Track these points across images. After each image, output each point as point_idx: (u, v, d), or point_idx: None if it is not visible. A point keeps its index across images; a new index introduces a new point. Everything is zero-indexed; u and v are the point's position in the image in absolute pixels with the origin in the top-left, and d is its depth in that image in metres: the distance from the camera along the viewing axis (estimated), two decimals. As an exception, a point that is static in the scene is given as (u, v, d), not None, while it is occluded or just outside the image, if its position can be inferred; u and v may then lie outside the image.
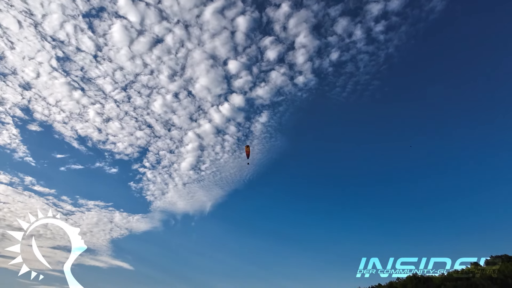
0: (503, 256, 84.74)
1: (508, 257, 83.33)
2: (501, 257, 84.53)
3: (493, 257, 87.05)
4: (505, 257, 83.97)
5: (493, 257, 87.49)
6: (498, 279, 69.10)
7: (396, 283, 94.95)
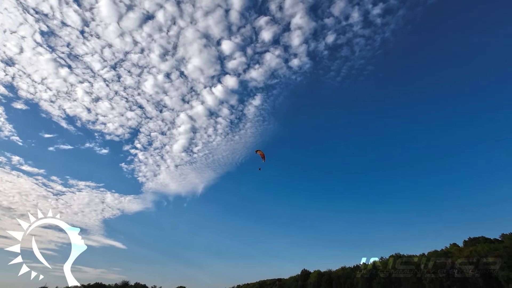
0: (480, 238, 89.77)
1: (484, 239, 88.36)
2: (479, 239, 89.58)
3: (471, 239, 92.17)
4: (482, 238, 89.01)
5: (471, 238, 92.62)
6: (474, 258, 73.54)
7: (380, 262, 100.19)
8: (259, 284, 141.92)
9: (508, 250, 69.41)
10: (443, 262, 79.16)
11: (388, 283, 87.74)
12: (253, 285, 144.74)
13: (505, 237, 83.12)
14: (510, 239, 79.62)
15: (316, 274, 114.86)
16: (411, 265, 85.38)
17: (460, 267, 74.92)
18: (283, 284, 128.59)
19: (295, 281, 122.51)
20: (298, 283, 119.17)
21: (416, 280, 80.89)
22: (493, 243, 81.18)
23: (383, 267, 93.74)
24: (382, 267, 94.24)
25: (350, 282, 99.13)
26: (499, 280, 67.85)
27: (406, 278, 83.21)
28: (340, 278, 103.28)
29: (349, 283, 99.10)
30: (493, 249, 73.60)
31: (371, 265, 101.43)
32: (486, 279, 70.05)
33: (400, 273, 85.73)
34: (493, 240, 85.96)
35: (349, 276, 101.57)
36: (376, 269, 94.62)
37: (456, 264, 76.34)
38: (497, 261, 68.68)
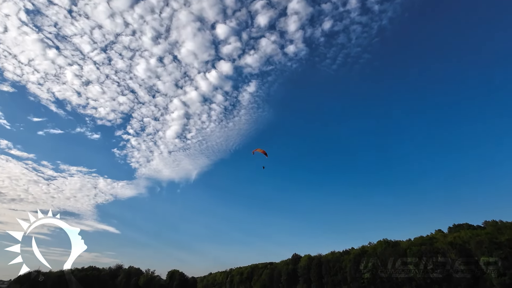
0: (464, 225, 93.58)
1: (468, 225, 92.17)
2: (463, 225, 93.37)
3: (456, 225, 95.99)
4: (466, 225, 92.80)
5: (455, 225, 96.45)
6: (457, 244, 76.90)
7: (368, 247, 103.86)
8: (251, 268, 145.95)
9: (489, 236, 72.74)
10: (427, 247, 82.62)
11: (375, 266, 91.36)
12: (245, 269, 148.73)
13: (487, 224, 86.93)
14: (492, 226, 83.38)
15: (307, 258, 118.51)
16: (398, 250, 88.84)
17: (444, 252, 78.43)
18: (274, 267, 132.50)
19: (286, 264, 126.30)
20: (289, 267, 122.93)
21: (402, 263, 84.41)
22: (476, 230, 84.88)
23: (371, 251, 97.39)
24: (370, 251, 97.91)
25: (339, 265, 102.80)
26: (480, 264, 71.46)
27: (392, 261, 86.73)
28: (329, 262, 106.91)
29: (338, 266, 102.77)
30: (476, 235, 77.01)
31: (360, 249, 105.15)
32: (467, 262, 73.65)
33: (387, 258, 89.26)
34: (476, 227, 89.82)
35: (338, 260, 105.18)
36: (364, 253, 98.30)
37: (440, 249, 79.83)
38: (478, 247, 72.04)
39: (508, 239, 68.63)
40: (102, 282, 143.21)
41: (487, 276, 69.56)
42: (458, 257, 74.50)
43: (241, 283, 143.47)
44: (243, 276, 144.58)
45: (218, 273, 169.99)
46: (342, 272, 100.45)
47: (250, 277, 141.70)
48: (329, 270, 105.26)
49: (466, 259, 73.81)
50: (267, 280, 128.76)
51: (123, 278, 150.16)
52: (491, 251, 68.71)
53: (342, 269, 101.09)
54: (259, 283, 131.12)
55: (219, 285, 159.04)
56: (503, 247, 67.60)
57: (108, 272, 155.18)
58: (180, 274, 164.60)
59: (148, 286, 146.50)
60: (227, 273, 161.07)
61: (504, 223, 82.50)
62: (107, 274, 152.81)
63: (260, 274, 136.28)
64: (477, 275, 72.04)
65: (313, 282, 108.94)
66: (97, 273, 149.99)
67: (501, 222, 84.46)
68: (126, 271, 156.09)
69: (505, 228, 77.79)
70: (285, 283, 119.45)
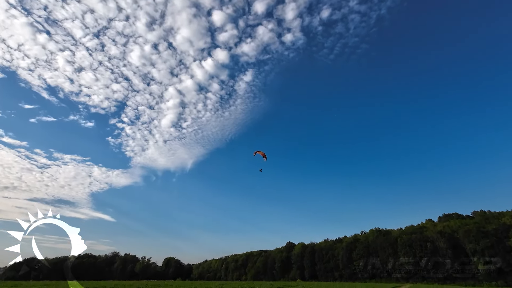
0: (453, 214, 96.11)
1: (457, 215, 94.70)
2: (452, 215, 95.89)
3: (445, 215, 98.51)
4: (455, 215, 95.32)
5: (445, 215, 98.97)
6: (446, 233, 79.20)
7: (360, 236, 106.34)
8: (246, 255, 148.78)
9: (477, 225, 75.03)
10: (418, 236, 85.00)
11: (366, 254, 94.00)
12: (240, 256, 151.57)
13: (476, 214, 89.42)
14: (480, 216, 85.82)
15: (300, 246, 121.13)
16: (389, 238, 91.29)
17: (433, 240, 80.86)
18: (268, 255, 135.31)
19: (280, 252, 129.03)
20: (283, 254, 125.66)
21: (392, 251, 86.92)
22: (465, 219, 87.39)
23: (363, 239, 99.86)
24: (362, 239, 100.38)
25: (331, 253, 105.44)
26: (467, 252, 73.98)
27: (383, 249, 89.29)
28: (322, 250, 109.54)
29: (331, 254, 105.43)
30: (464, 224, 79.34)
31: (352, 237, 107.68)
32: (455, 250, 76.17)
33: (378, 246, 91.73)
34: (465, 217, 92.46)
35: (331, 248, 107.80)
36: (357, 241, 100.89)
37: (429, 237, 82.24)
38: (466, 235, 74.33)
39: (495, 228, 70.88)
40: (98, 269, 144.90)
41: (473, 263, 72.23)
42: (447, 245, 76.97)
43: (236, 270, 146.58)
44: (238, 263, 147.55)
45: (213, 261, 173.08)
46: (335, 260, 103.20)
47: (245, 264, 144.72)
48: (322, 258, 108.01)
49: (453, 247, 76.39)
50: (261, 267, 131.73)
51: (119, 265, 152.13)
52: (478, 239, 71.00)
53: (335, 256, 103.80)
54: (253, 270, 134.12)
55: (214, 272, 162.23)
56: (489, 236, 69.89)
57: (104, 259, 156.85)
58: (176, 261, 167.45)
59: (145, 273, 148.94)
60: (222, 260, 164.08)
61: (492, 213, 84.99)
62: (103, 261, 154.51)
63: (254, 261, 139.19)
64: (464, 262, 74.77)
65: (306, 269, 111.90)
66: (93, 260, 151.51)
67: (489, 212, 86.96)
68: (122, 258, 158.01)
69: (493, 218, 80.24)
70: (279, 270, 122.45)
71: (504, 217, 77.16)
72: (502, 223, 72.37)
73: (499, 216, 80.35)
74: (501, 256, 66.67)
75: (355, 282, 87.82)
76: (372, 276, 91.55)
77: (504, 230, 68.77)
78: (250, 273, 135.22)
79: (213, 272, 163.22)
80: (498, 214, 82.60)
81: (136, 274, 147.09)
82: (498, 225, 71.67)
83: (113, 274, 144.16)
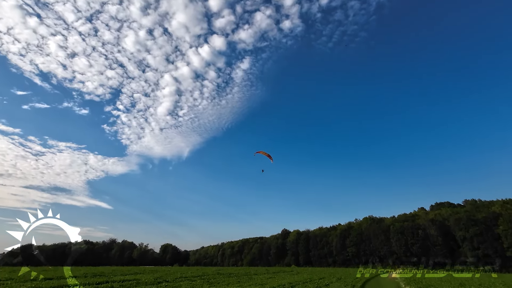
0: (445, 203, 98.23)
1: (449, 204, 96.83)
2: (444, 204, 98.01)
3: (437, 204, 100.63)
4: (447, 203, 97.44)
5: (437, 203, 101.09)
6: (438, 221, 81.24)
7: (354, 223, 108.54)
8: (242, 242, 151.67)
9: (467, 214, 77.03)
10: (410, 223, 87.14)
11: (359, 240, 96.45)
12: (236, 243, 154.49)
13: (467, 203, 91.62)
14: (471, 204, 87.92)
15: (296, 233, 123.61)
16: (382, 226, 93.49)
17: (424, 228, 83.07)
18: (264, 242, 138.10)
19: (275, 239, 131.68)
20: (278, 241, 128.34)
21: (385, 238, 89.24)
22: (456, 208, 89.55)
23: (357, 227, 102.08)
24: (356, 227, 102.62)
25: (326, 240, 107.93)
26: (456, 239, 76.31)
27: (376, 236, 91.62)
28: (317, 237, 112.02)
29: (325, 241, 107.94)
30: (455, 212, 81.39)
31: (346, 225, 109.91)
32: (445, 237, 78.50)
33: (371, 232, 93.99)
34: (457, 205, 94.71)
35: (325, 235, 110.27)
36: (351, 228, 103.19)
37: (421, 225, 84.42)
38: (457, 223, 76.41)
39: (484, 216, 72.88)
40: (96, 255, 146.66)
41: (462, 250, 74.69)
42: (437, 233, 79.22)
43: (232, 256, 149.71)
44: (234, 250, 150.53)
45: (210, 247, 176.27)
46: (329, 246, 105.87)
47: (241, 251, 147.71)
48: (316, 244, 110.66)
49: (444, 234, 78.69)
50: (257, 253, 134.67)
51: (117, 252, 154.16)
52: (468, 227, 73.14)
53: (329, 243, 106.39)
54: (249, 256, 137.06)
55: (211, 258, 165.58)
56: (479, 224, 71.97)
57: (102, 245, 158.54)
58: (173, 248, 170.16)
59: (142, 259, 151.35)
60: (219, 247, 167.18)
61: (483, 202, 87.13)
62: (101, 248, 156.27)
63: (250, 247, 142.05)
64: (453, 249, 77.28)
65: (301, 255, 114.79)
66: (91, 246, 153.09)
67: (480, 201, 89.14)
68: (120, 245, 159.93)
69: (483, 207, 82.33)
70: (274, 256, 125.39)
71: (494, 206, 79.19)
72: (492, 211, 74.36)
73: (489, 205, 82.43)
74: (489, 243, 68.96)
75: (348, 267, 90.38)
76: (365, 262, 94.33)
77: (493, 218, 70.78)
78: (246, 259, 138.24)
79: (209, 258, 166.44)
80: (488, 203, 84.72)
81: (134, 260, 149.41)
82: (488, 214, 73.65)
83: (111, 260, 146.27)
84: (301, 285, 23.32)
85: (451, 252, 77.49)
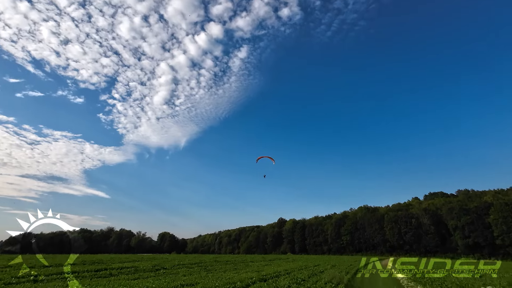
0: (439, 193, 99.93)
1: (442, 194, 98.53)
2: (437, 194, 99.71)
3: (431, 193, 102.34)
4: (441, 193, 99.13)
5: (431, 193, 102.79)
6: (431, 210, 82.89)
7: (349, 212, 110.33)
8: (239, 231, 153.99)
9: (460, 203, 78.62)
10: (403, 212, 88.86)
11: (354, 229, 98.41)
12: (233, 231, 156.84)
13: (460, 193, 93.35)
14: (464, 194, 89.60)
15: (292, 222, 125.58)
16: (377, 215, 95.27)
17: (417, 217, 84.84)
18: (261, 230, 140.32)
19: (272, 227, 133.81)
20: (274, 230, 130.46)
21: (379, 227, 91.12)
22: (449, 197, 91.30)
23: (351, 216, 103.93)
24: (351, 216, 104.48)
25: (321, 228, 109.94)
26: (448, 228, 78.19)
27: (370, 225, 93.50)
28: (312, 226, 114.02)
29: (320, 229, 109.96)
30: (448, 202, 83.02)
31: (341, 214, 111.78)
32: (437, 226, 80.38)
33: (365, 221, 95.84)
34: (450, 195, 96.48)
35: (320, 224, 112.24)
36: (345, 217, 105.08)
37: (414, 214, 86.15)
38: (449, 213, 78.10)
39: (476, 206, 74.45)
40: (94, 243, 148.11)
41: (453, 238, 76.69)
42: (430, 222, 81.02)
43: (229, 244, 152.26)
44: (231, 238, 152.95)
45: (207, 235, 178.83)
46: (324, 235, 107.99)
47: (238, 239, 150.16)
48: (311, 233, 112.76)
49: (436, 223, 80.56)
50: (254, 242, 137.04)
51: (114, 240, 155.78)
52: (460, 216, 74.83)
53: (324, 231, 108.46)
54: (246, 244, 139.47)
55: (208, 246, 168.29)
56: (470, 213, 73.63)
57: (100, 233, 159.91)
58: (170, 236, 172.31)
59: (140, 247, 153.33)
60: (216, 235, 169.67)
61: (475, 192, 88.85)
62: (99, 236, 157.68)
63: (247, 236, 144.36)
64: (445, 237, 79.31)
65: (297, 243, 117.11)
66: (89, 234, 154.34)
67: (473, 191, 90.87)
68: (118, 233, 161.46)
69: (475, 196, 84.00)
70: (270, 244, 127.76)
71: (486, 195, 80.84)
72: (484, 201, 75.97)
73: (481, 194, 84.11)
74: (480, 231, 70.82)
75: (342, 255, 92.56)
76: (359, 250, 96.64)
77: (485, 207, 72.38)
78: (242, 247, 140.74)
79: (207, 246, 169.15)
80: (480, 193, 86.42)
81: (132, 248, 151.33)
82: (480, 203, 75.24)
83: (109, 248, 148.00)
84: (297, 272, 23.88)
85: (442, 240, 79.56)
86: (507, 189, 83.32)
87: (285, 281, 16.95)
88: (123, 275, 21.07)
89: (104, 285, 14.72)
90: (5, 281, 15.81)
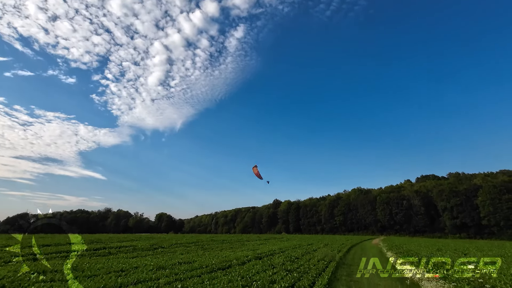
0: (430, 175, 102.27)
1: (434, 176, 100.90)
2: (429, 176, 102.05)
3: (423, 176, 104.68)
4: (432, 176, 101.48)
5: (423, 176, 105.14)
6: (422, 192, 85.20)
7: (343, 194, 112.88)
8: (235, 211, 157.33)
9: (450, 186, 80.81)
10: (395, 194, 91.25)
11: (347, 210, 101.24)
12: (229, 212, 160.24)
13: (451, 175, 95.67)
14: (454, 177, 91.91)
15: (286, 203, 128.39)
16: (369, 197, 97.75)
17: (408, 198, 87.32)
18: (256, 211, 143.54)
19: (267, 208, 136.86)
20: (269, 210, 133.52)
21: (371, 208, 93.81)
22: (440, 180, 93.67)
23: (345, 197, 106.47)
24: (344, 197, 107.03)
25: (315, 209, 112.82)
26: (438, 209, 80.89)
27: (362, 206, 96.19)
28: (307, 207, 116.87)
29: (314, 210, 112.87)
30: (439, 184, 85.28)
31: (335, 196, 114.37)
32: (427, 208, 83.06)
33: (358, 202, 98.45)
34: (441, 178, 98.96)
35: (315, 205, 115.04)
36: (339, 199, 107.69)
37: (406, 196, 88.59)
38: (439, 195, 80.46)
39: (466, 188, 76.67)
40: (92, 223, 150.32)
41: (442, 219, 79.59)
42: (421, 203, 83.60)
43: (225, 224, 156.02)
44: (227, 218, 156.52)
45: (204, 216, 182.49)
46: (318, 215, 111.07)
47: (234, 219, 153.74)
48: (306, 213, 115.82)
49: (426, 204, 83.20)
50: (249, 222, 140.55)
51: (112, 220, 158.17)
52: (450, 198, 77.22)
53: (318, 212, 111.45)
54: (242, 224, 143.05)
55: (205, 226, 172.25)
56: (460, 195, 75.97)
57: (97, 214, 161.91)
58: (168, 217, 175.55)
59: (138, 227, 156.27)
60: (213, 215, 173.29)
61: (466, 175, 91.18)
62: (97, 217, 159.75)
63: (243, 216, 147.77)
64: (434, 218, 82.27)
65: (291, 224, 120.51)
66: (87, 215, 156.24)
67: (463, 173, 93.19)
68: (115, 214, 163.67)
69: (465, 179, 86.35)
70: (266, 224, 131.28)
71: (475, 178, 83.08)
72: (473, 183, 78.18)
73: (471, 177, 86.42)
74: (467, 212, 73.48)
75: (335, 235, 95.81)
76: (351, 230, 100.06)
77: (474, 190, 74.62)
78: (238, 227, 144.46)
79: (203, 226, 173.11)
80: (470, 175, 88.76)
81: (130, 228, 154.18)
82: (469, 186, 77.46)
83: (106, 228, 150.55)
84: (291, 250, 24.74)
85: (431, 220, 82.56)
86: (496, 172, 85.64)
87: (280, 259, 17.59)
88: (122, 253, 21.59)
89: (104, 263, 15.08)
90: (5, 259, 16.08)
